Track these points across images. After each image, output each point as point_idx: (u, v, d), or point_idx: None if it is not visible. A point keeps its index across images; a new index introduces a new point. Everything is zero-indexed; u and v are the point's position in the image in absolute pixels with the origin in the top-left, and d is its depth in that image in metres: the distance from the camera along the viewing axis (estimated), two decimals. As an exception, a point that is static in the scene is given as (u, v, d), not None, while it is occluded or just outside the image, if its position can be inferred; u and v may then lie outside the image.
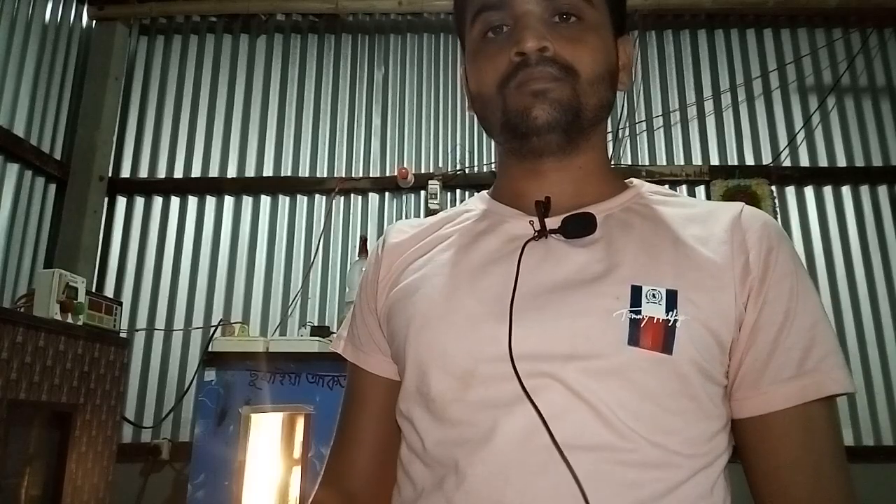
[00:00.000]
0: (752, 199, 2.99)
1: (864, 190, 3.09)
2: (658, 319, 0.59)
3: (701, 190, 3.11)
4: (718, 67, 3.27)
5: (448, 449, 0.61)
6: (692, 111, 3.22)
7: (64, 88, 3.12)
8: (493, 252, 0.67)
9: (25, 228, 2.85)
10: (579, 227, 0.65)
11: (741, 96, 3.22)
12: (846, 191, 3.09)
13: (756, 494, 0.63)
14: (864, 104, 3.19)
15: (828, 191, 3.09)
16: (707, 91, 3.24)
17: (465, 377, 0.61)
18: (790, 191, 3.10)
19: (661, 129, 3.21)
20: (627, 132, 3.19)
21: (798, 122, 3.17)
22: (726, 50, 3.30)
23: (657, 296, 0.60)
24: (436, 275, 0.68)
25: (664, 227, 0.66)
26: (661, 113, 3.22)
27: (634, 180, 0.75)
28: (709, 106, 3.22)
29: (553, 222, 0.66)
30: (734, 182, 3.04)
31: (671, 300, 0.60)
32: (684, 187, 3.12)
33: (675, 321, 0.59)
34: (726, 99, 3.23)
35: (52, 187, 3.04)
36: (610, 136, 3.13)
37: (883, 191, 3.08)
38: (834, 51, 3.26)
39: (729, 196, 3.01)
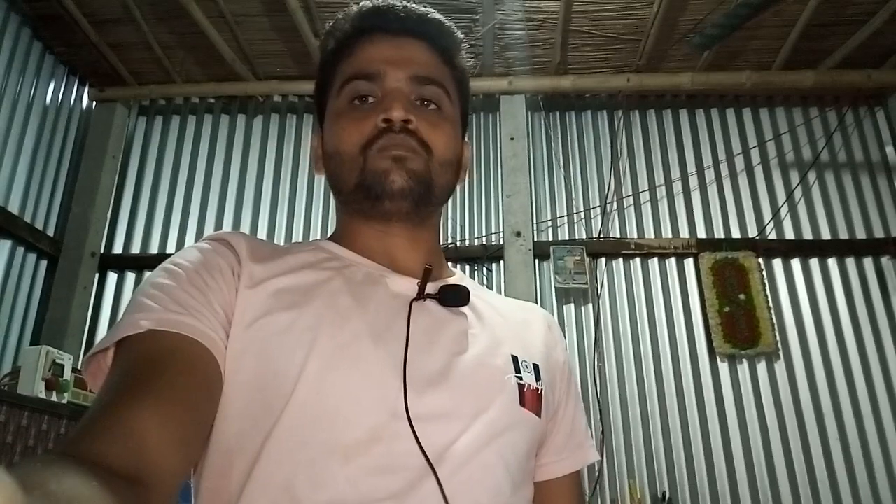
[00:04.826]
0: (741, 272, 3.02)
1: (850, 262, 3.13)
2: (532, 386, 0.69)
3: (690, 263, 3.13)
4: (701, 145, 3.37)
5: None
6: (677, 186, 3.29)
7: (61, 166, 3.17)
8: (384, 306, 0.67)
9: (14, 304, 2.83)
10: (456, 297, 0.71)
11: (724, 171, 3.31)
12: (832, 263, 3.13)
13: None
14: (844, 179, 3.28)
15: (814, 263, 3.13)
16: (691, 167, 3.32)
17: (376, 429, 0.59)
18: (777, 263, 3.14)
19: (648, 203, 3.27)
20: (616, 206, 3.25)
21: (781, 196, 3.25)
22: (707, 128, 3.40)
23: (528, 366, 0.70)
24: (332, 316, 0.64)
25: (499, 309, 0.77)
26: (647, 188, 3.29)
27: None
28: (693, 181, 3.30)
29: (430, 288, 0.70)
30: (722, 255, 3.08)
31: (538, 371, 0.71)
32: (673, 260, 3.15)
33: (543, 390, 0.70)
34: (710, 174, 3.31)
35: (44, 263, 3.04)
36: (599, 210, 3.23)
37: (868, 263, 3.12)
38: (811, 128, 3.37)
39: (717, 269, 3.03)
